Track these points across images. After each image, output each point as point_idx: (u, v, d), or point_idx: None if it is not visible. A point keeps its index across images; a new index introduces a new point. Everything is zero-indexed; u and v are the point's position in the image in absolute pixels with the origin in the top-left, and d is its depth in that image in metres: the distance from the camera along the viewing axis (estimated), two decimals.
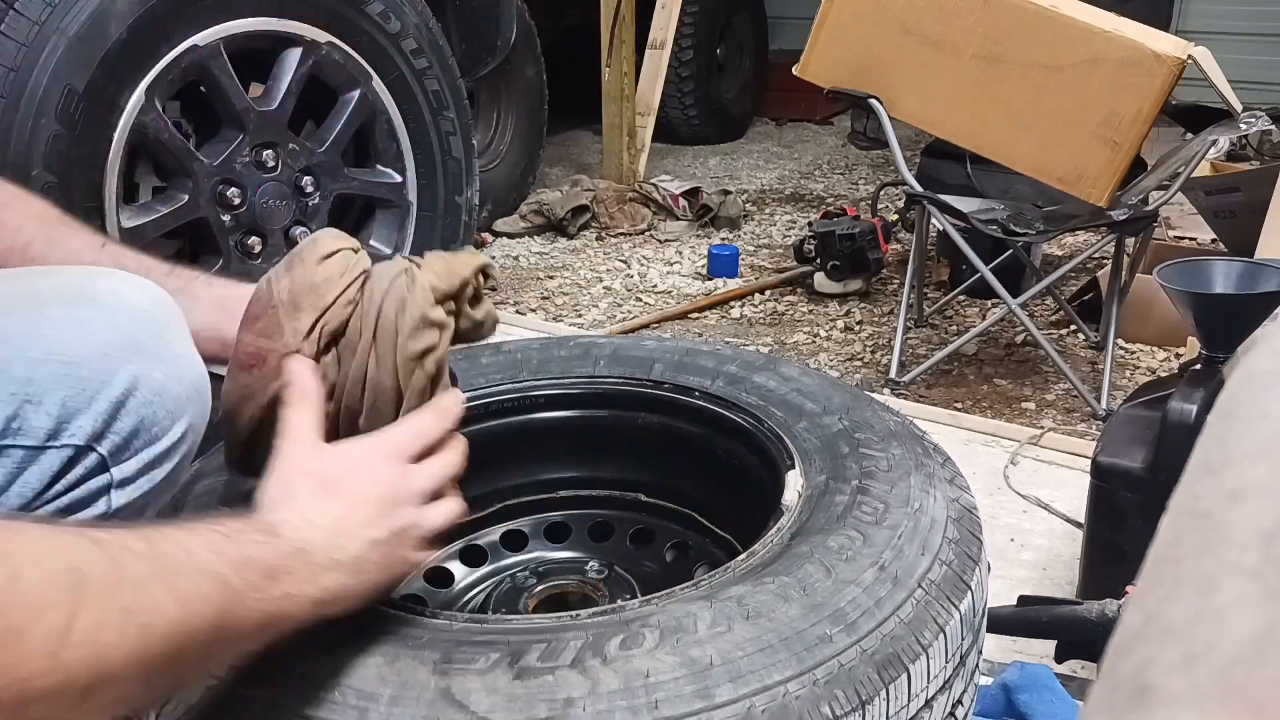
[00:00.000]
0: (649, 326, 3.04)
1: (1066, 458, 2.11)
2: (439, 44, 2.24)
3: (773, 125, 6.04)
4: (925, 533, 0.89)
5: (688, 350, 1.25)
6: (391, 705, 0.71)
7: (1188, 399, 1.43)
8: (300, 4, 1.96)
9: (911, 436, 1.06)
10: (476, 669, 0.73)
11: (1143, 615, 0.30)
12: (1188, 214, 3.51)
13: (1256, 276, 1.48)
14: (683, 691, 0.72)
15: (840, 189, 4.67)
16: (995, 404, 2.52)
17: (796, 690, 0.73)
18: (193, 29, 1.80)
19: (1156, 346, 2.79)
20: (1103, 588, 1.39)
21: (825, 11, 2.57)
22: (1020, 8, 2.33)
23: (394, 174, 2.21)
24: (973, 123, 2.44)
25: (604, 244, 3.82)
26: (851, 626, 0.78)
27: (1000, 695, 1.28)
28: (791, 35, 5.51)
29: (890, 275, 3.38)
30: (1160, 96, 2.22)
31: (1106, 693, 0.29)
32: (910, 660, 0.78)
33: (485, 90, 3.83)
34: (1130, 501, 1.47)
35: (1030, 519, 1.89)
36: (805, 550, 0.86)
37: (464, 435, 0.90)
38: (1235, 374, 0.39)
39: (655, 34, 4.45)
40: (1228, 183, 2.96)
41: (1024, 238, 2.51)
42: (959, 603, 0.85)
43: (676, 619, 0.78)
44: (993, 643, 1.43)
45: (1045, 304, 3.09)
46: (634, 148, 4.33)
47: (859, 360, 2.81)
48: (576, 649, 0.75)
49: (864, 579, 0.82)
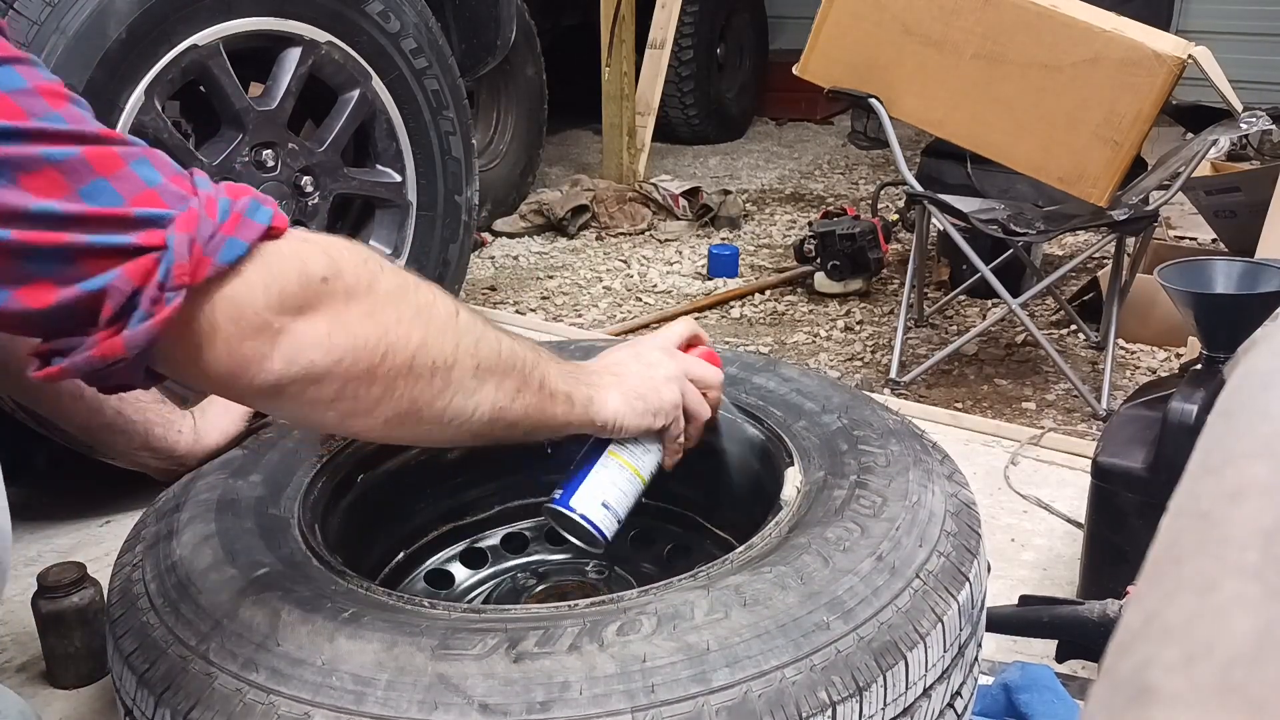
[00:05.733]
0: (649, 326, 3.04)
1: (1067, 458, 2.11)
2: (439, 44, 2.24)
3: (773, 125, 6.04)
4: (923, 525, 0.89)
5: None
6: (388, 690, 0.72)
7: (1188, 399, 1.42)
8: (300, 3, 1.96)
9: (910, 434, 1.06)
10: (473, 654, 0.73)
11: (1143, 615, 0.30)
12: (1188, 214, 3.51)
13: (1257, 276, 1.48)
14: (679, 676, 0.72)
15: (840, 189, 4.66)
16: (995, 404, 2.51)
17: (793, 676, 0.73)
18: (192, 28, 1.80)
19: (1157, 346, 2.78)
20: (1103, 588, 1.39)
21: (825, 11, 2.57)
22: (1020, 7, 2.33)
23: (393, 174, 2.21)
24: (973, 122, 2.44)
25: (604, 244, 3.82)
26: (849, 614, 0.78)
27: (1001, 695, 1.28)
28: (791, 35, 5.51)
29: (890, 275, 3.38)
30: (1161, 96, 2.22)
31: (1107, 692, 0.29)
32: (908, 648, 0.79)
33: (485, 90, 3.83)
34: (1131, 501, 1.46)
35: (1031, 519, 1.89)
36: (803, 542, 0.86)
37: None
38: (1236, 374, 0.39)
39: (655, 34, 4.45)
40: (1228, 182, 2.96)
41: (1024, 237, 2.51)
42: (957, 593, 0.85)
43: (674, 606, 0.78)
44: (993, 642, 1.43)
45: (1046, 304, 3.09)
46: (634, 147, 4.33)
47: (859, 360, 2.81)
48: (574, 635, 0.75)
49: (861, 569, 0.83)
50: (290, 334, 0.74)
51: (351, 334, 0.76)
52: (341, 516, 1.08)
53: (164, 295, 0.68)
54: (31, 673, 1.47)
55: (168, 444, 1.13)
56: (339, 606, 0.80)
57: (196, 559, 0.89)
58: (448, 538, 1.24)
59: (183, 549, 0.91)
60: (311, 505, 1.01)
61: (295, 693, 0.73)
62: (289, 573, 0.87)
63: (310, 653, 0.75)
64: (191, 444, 1.14)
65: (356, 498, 1.12)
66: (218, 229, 0.70)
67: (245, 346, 0.72)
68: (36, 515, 1.87)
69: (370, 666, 0.73)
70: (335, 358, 0.75)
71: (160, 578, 0.88)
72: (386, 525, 1.18)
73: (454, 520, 1.25)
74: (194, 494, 1.01)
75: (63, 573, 1.39)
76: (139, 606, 0.87)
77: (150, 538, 0.96)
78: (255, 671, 0.75)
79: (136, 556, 0.94)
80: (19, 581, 1.67)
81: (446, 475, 1.22)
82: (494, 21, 2.87)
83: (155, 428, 1.13)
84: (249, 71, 1.99)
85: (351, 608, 0.80)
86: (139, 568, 0.92)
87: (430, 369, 0.80)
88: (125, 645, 0.84)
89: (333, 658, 0.75)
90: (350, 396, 0.77)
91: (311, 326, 0.75)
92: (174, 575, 0.88)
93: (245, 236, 0.72)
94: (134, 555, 0.94)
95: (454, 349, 0.82)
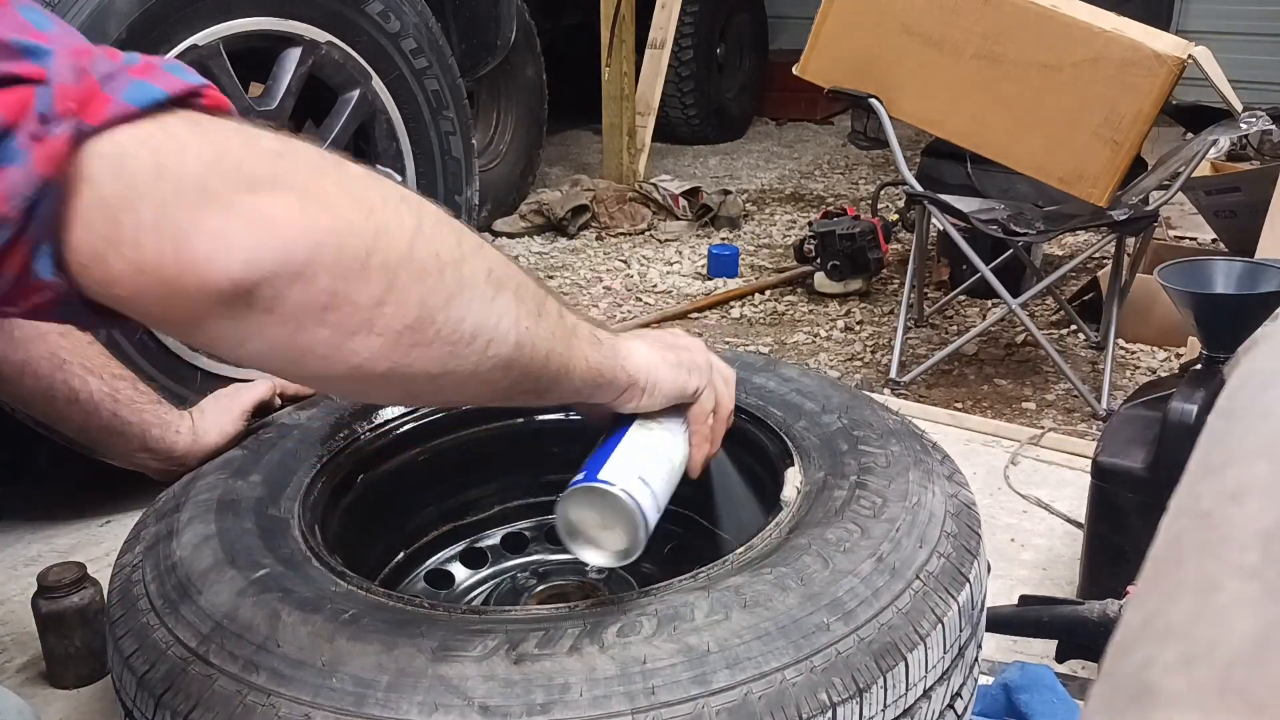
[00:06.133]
0: (649, 326, 3.04)
1: (1067, 458, 2.11)
2: (439, 43, 2.24)
3: (773, 125, 6.04)
4: (923, 526, 0.89)
5: None
6: (389, 691, 0.71)
7: (1188, 399, 1.42)
8: (300, 3, 1.96)
9: (910, 434, 1.06)
10: (474, 656, 0.73)
11: (1143, 615, 0.30)
12: (1188, 214, 3.50)
13: (1257, 276, 1.48)
14: (680, 678, 0.72)
15: (840, 189, 4.66)
16: (995, 404, 2.51)
17: (793, 677, 0.73)
18: (192, 29, 1.80)
19: (1157, 346, 2.78)
20: (1103, 588, 1.39)
21: (825, 11, 2.57)
22: (1021, 7, 2.32)
23: (393, 173, 2.21)
24: (973, 122, 2.44)
25: (604, 244, 3.82)
26: (849, 616, 0.78)
27: (1001, 695, 1.28)
28: (791, 35, 5.51)
29: (890, 275, 3.38)
30: (1161, 96, 2.22)
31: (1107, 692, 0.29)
32: (908, 650, 0.79)
33: (485, 90, 3.82)
34: (1131, 501, 1.46)
35: (1031, 519, 1.89)
36: (803, 543, 0.86)
37: (467, 438, 0.91)
38: (1236, 374, 0.39)
39: (655, 34, 4.45)
40: (1228, 182, 2.96)
41: (1024, 237, 2.51)
42: (957, 595, 0.85)
43: (674, 608, 0.78)
44: (993, 642, 1.43)
45: (1046, 304, 3.09)
46: (634, 147, 4.33)
47: (859, 360, 2.81)
48: (574, 636, 0.75)
49: (862, 570, 0.83)
50: (249, 209, 0.56)
51: (330, 209, 0.59)
52: (341, 516, 1.08)
53: (46, 129, 0.52)
54: (31, 673, 1.47)
55: (166, 445, 1.13)
56: (339, 608, 0.80)
57: (196, 559, 0.89)
58: (448, 537, 1.24)
59: (183, 549, 0.91)
60: (311, 505, 1.01)
61: (295, 694, 0.73)
62: (289, 573, 0.87)
63: (310, 654, 0.75)
64: (190, 444, 1.13)
65: (356, 498, 1.12)
66: (122, 69, 0.56)
67: (185, 216, 0.55)
68: (36, 515, 1.87)
69: (370, 668, 0.73)
70: (315, 239, 0.58)
71: (160, 578, 0.88)
72: (386, 525, 1.18)
73: (454, 520, 1.25)
74: (194, 494, 1.01)
75: (63, 573, 1.39)
76: (139, 607, 0.87)
77: (150, 538, 0.96)
78: (255, 673, 0.75)
79: (136, 557, 0.94)
80: (19, 581, 1.67)
81: (446, 475, 1.22)
82: (494, 21, 2.87)
83: (153, 429, 1.13)
84: (249, 71, 1.99)
85: (352, 609, 0.80)
86: (139, 568, 0.92)
87: (435, 260, 0.63)
88: (125, 646, 0.84)
89: (333, 659, 0.74)
90: (345, 301, 0.59)
91: (276, 200, 0.58)
92: (174, 576, 0.88)
93: (164, 85, 0.56)
94: (134, 556, 0.94)
95: (458, 243, 0.66)
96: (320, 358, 0.61)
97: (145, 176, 0.54)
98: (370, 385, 0.65)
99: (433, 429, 1.18)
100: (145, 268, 0.55)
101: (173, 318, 0.58)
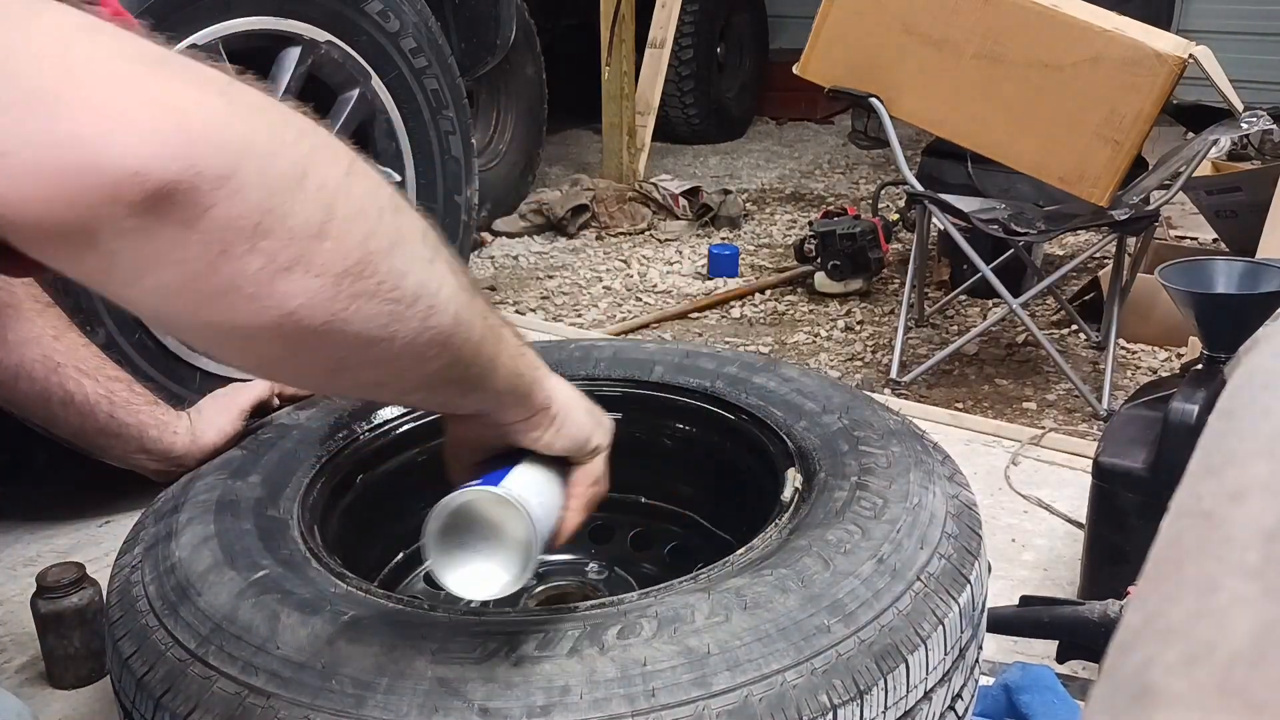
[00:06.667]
0: (649, 326, 3.04)
1: (1068, 458, 2.11)
2: (438, 43, 2.24)
3: (773, 124, 6.04)
4: (924, 527, 0.89)
5: (688, 352, 1.25)
6: (388, 694, 0.71)
7: (1189, 399, 1.42)
8: (299, 3, 1.96)
9: (910, 434, 1.06)
10: (474, 658, 0.73)
11: (1144, 615, 0.30)
12: (1189, 213, 3.50)
13: (1258, 276, 1.48)
14: (680, 680, 0.72)
15: (841, 188, 4.66)
16: (996, 404, 2.51)
17: (794, 679, 0.73)
18: (191, 28, 1.80)
19: (1158, 346, 2.78)
20: (1104, 588, 1.39)
21: (826, 10, 2.56)
22: (1021, 7, 2.32)
23: (393, 173, 2.21)
24: (973, 122, 2.44)
25: (604, 243, 3.82)
26: (850, 617, 0.78)
27: (1002, 695, 1.28)
28: (792, 34, 5.51)
29: (891, 275, 3.37)
30: (1162, 96, 2.22)
31: (1107, 693, 0.29)
32: (909, 651, 0.79)
33: (485, 90, 3.82)
34: (1131, 502, 1.46)
35: (1031, 519, 1.89)
36: (804, 544, 0.86)
37: None
38: (1237, 374, 0.39)
39: (655, 33, 4.45)
40: (1229, 182, 2.96)
41: (1025, 237, 2.50)
42: (958, 596, 0.85)
43: (674, 610, 0.78)
44: (994, 643, 1.43)
45: (1046, 304, 3.08)
46: (634, 147, 4.33)
47: (859, 360, 2.80)
48: (574, 638, 0.75)
49: (862, 571, 0.83)
50: (159, 89, 0.46)
51: (257, 115, 0.50)
52: (341, 517, 1.08)
53: None
54: (31, 673, 1.47)
55: (163, 445, 1.13)
56: (339, 609, 0.80)
57: (196, 560, 0.89)
58: None
59: (182, 550, 0.91)
60: (311, 506, 1.01)
61: (295, 696, 0.73)
62: (288, 574, 0.86)
63: (310, 656, 0.75)
64: (188, 444, 1.13)
65: (356, 498, 1.12)
66: None
67: (65, 90, 0.43)
68: (35, 516, 1.87)
69: (370, 670, 0.73)
70: (243, 140, 0.48)
71: (159, 580, 0.88)
72: (386, 525, 1.17)
73: None
74: (193, 495, 1.01)
75: (62, 573, 1.39)
76: (138, 609, 0.86)
77: (149, 539, 0.95)
78: (255, 675, 0.75)
79: (135, 558, 0.94)
80: (18, 582, 1.67)
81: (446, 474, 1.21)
82: (494, 21, 2.87)
83: (150, 430, 1.13)
84: (249, 71, 1.99)
85: (351, 610, 0.80)
86: (138, 569, 0.91)
87: (373, 199, 0.56)
88: (124, 648, 0.84)
89: (332, 661, 0.74)
90: (279, 224, 0.49)
91: (190, 89, 0.48)
92: (173, 577, 0.88)
93: None
94: (133, 557, 0.94)
95: (390, 194, 0.58)
96: (246, 298, 0.50)
97: (6, 47, 0.43)
98: (298, 346, 0.54)
99: (433, 429, 1.18)
100: (15, 154, 0.43)
101: (61, 230, 0.45)
